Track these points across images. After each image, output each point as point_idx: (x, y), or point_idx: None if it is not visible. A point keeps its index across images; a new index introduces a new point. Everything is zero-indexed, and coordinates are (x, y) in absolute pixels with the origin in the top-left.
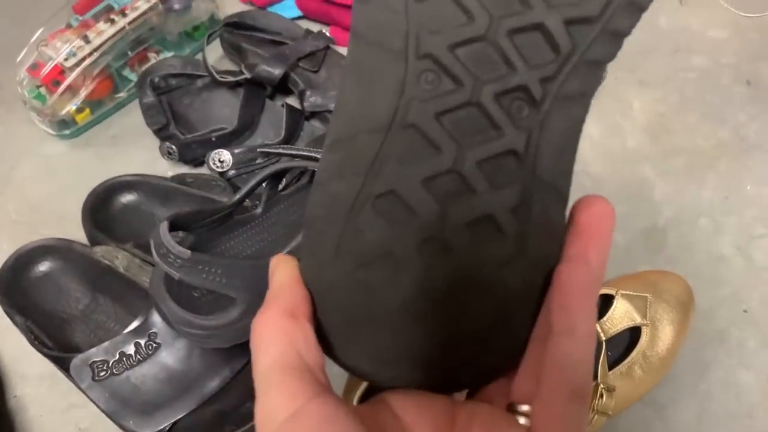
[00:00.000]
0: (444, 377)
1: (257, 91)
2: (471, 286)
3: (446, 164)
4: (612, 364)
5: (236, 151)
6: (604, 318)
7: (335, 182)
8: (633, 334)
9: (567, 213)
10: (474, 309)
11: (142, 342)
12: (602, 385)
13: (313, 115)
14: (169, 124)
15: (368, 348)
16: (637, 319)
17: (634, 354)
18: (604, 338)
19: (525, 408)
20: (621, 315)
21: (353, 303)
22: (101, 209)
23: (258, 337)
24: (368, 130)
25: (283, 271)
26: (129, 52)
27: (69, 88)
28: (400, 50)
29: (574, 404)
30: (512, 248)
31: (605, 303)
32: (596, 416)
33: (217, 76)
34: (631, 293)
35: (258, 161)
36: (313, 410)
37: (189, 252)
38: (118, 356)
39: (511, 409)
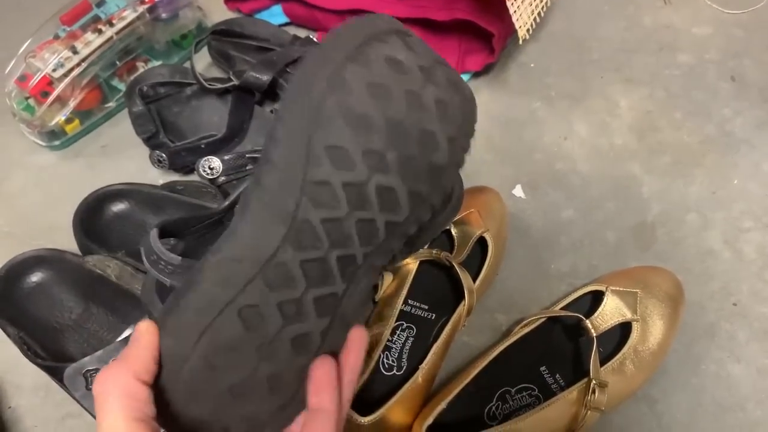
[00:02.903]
0: None
1: (246, 97)
2: (277, 382)
3: (295, 295)
4: (603, 360)
5: (226, 157)
6: (595, 314)
7: (216, 288)
8: (624, 330)
9: None
10: (274, 399)
11: None
12: (594, 381)
13: None
14: (159, 132)
15: (191, 415)
16: (628, 315)
17: (625, 349)
18: (595, 334)
19: None
20: (611, 311)
21: (197, 377)
22: (92, 219)
23: (107, 389)
24: (252, 259)
25: (146, 340)
26: (117, 62)
27: (58, 98)
28: (289, 213)
29: None
30: (310, 359)
31: (595, 299)
32: (589, 412)
33: (206, 84)
34: (620, 289)
35: (248, 167)
36: None
37: (179, 258)
38: None
39: None
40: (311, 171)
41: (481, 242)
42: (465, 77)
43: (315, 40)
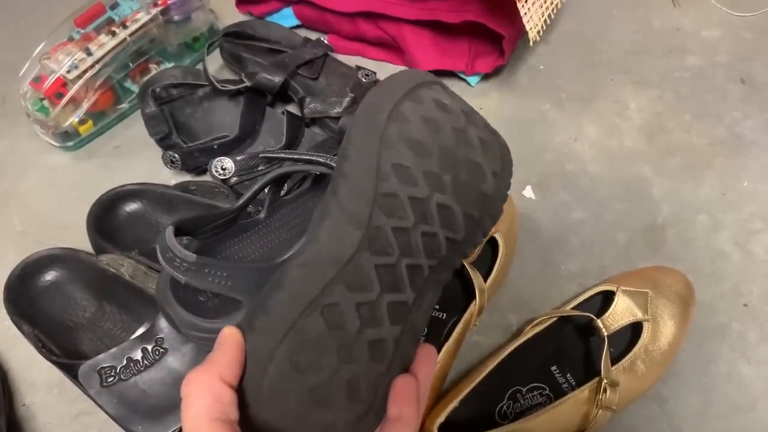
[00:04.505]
0: None
1: (257, 99)
2: (355, 389)
3: (371, 298)
4: (614, 360)
5: (238, 158)
6: (606, 314)
7: (300, 287)
8: (634, 330)
9: None
10: (352, 407)
11: (149, 347)
12: (605, 381)
13: (313, 121)
14: (171, 133)
15: (274, 412)
16: (639, 315)
17: (636, 349)
18: (606, 334)
19: None
20: (622, 311)
21: (281, 377)
22: (106, 218)
23: (192, 390)
24: (333, 260)
25: (231, 344)
26: (130, 64)
27: (72, 100)
28: (364, 219)
29: None
30: (385, 367)
31: (606, 299)
32: (600, 411)
33: (218, 85)
34: (631, 289)
35: (260, 168)
36: None
37: (195, 256)
38: (125, 362)
39: None
40: (381, 184)
41: (492, 242)
42: (475, 79)
43: (325, 42)
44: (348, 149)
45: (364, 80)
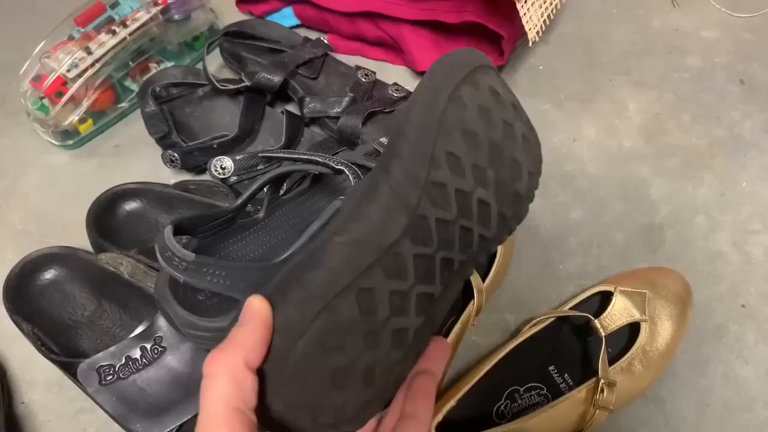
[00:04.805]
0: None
1: (257, 98)
2: (371, 375)
3: (404, 287)
4: (612, 360)
5: (237, 157)
6: (604, 315)
7: (341, 267)
8: (632, 331)
9: None
10: (365, 392)
11: (148, 346)
12: (603, 381)
13: (313, 121)
14: (171, 132)
15: (292, 392)
16: (636, 315)
17: (633, 349)
18: (603, 334)
19: None
20: (620, 311)
21: (308, 354)
22: (105, 217)
23: (214, 372)
24: (376, 244)
25: (259, 319)
26: (130, 63)
27: (71, 99)
28: (412, 205)
29: None
30: (401, 356)
31: (604, 300)
32: (597, 411)
33: (218, 85)
34: (629, 290)
35: (259, 167)
36: None
37: (193, 255)
38: (124, 360)
39: None
40: (433, 171)
41: None
42: None
43: (325, 42)
44: (406, 128)
45: (363, 80)
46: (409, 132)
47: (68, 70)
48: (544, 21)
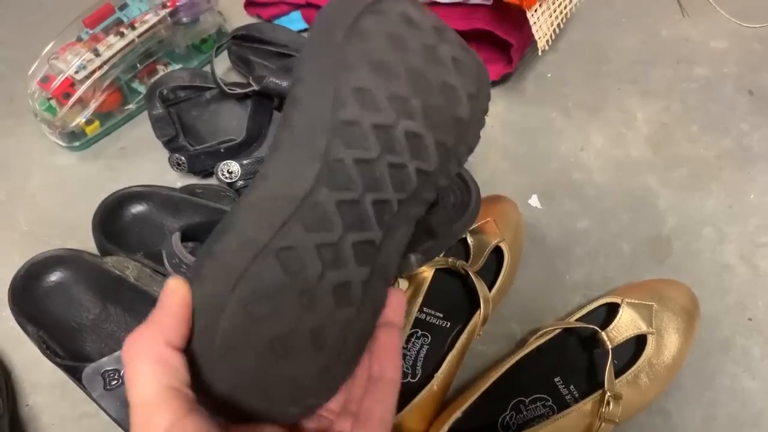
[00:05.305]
0: (281, 410)
1: (265, 102)
2: (321, 338)
3: (333, 239)
4: (617, 372)
5: (245, 162)
6: (610, 326)
7: (251, 230)
8: (638, 343)
9: None
10: (318, 358)
11: None
12: (609, 393)
13: None
14: (178, 135)
15: (228, 377)
16: (643, 328)
17: (640, 362)
18: (610, 346)
19: None
20: (627, 323)
21: (235, 329)
22: (111, 220)
23: (134, 356)
24: (287, 197)
25: (176, 299)
26: (138, 65)
27: (79, 100)
28: (321, 151)
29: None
30: (353, 312)
31: (610, 311)
32: (603, 424)
33: (226, 88)
34: (636, 302)
35: None
36: (189, 424)
37: None
38: None
39: None
40: (340, 111)
41: (497, 251)
42: None
43: None
44: (300, 71)
45: None
46: (304, 74)
47: (76, 72)
48: (554, 30)
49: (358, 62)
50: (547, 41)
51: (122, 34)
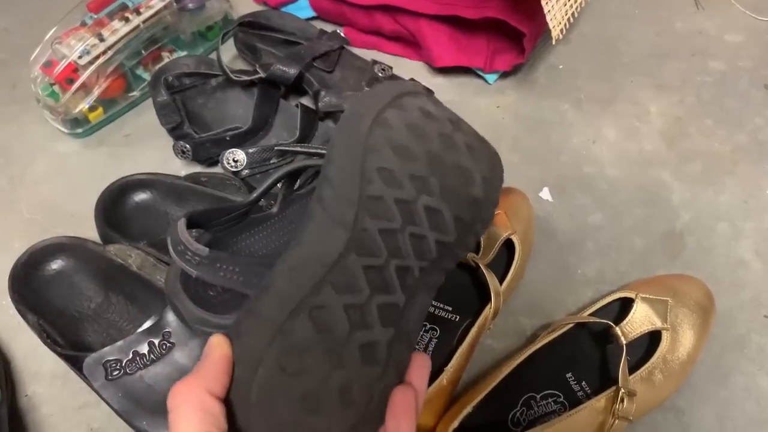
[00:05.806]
0: None
1: (271, 91)
2: (348, 395)
3: (360, 300)
4: (631, 369)
5: (250, 150)
6: (624, 322)
7: (287, 290)
8: (652, 339)
9: None
10: (346, 414)
11: (156, 341)
12: (623, 390)
13: (327, 115)
14: (183, 123)
15: (264, 421)
16: (658, 323)
17: (654, 358)
18: (624, 342)
19: None
20: (641, 319)
21: (270, 382)
22: (114, 208)
23: (179, 404)
24: (319, 262)
25: (218, 353)
26: (143, 51)
27: (82, 86)
28: (349, 221)
29: None
30: (380, 372)
31: (624, 307)
32: (617, 421)
33: (232, 75)
34: (651, 297)
35: (272, 161)
36: None
37: (207, 249)
38: (131, 355)
39: None
40: (366, 187)
41: (508, 244)
42: (493, 77)
43: (341, 35)
44: (332, 153)
45: (380, 75)
46: (335, 156)
47: (80, 57)
48: (569, 18)
49: (382, 146)
50: (561, 30)
51: (127, 20)
